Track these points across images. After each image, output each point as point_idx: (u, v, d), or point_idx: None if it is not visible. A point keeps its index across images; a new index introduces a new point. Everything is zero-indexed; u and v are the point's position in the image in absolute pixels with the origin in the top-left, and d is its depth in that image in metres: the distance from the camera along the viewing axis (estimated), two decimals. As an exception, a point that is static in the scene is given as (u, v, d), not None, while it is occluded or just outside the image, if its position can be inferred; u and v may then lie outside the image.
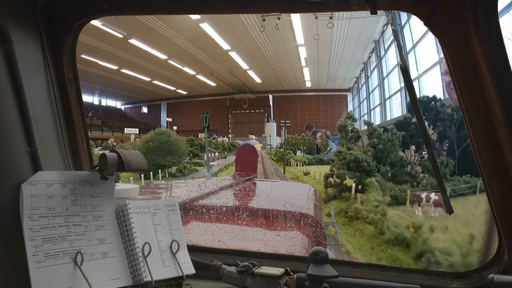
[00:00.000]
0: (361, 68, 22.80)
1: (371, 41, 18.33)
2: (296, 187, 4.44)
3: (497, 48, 0.81)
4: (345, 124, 8.84)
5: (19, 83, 0.87)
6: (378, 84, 18.92)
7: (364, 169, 7.58)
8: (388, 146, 7.76)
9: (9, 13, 0.88)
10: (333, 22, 12.52)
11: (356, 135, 8.84)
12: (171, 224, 0.98)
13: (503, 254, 0.92)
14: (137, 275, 0.87)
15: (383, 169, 7.70)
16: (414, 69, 13.14)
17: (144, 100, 33.21)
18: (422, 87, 12.96)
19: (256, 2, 0.97)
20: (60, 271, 0.77)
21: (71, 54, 1.11)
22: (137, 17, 13.53)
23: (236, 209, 2.26)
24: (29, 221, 0.77)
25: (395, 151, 7.80)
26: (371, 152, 7.87)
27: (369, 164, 7.58)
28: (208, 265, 1.06)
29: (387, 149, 7.75)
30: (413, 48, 13.30)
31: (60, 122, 1.06)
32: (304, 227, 2.01)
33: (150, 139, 12.46)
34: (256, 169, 4.46)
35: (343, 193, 7.95)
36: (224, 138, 24.75)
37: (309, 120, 25.78)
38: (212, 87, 28.15)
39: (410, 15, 0.89)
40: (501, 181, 0.86)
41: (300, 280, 0.94)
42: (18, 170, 0.85)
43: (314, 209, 2.40)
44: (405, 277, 1.01)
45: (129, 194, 1.06)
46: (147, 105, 34.44)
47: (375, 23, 15.31)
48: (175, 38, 17.64)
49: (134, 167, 0.87)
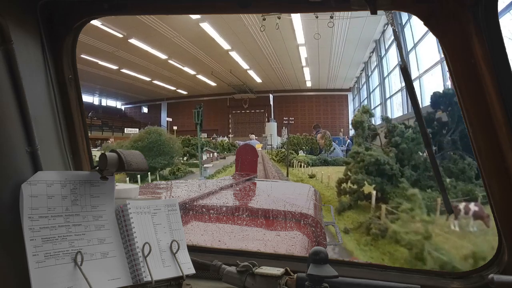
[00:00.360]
0: (361, 68, 22.77)
1: (371, 40, 18.29)
2: (296, 187, 4.44)
3: (497, 48, 0.81)
4: (362, 120, 7.44)
5: (19, 83, 0.87)
6: (379, 84, 18.86)
7: (386, 173, 6.35)
8: (411, 145, 6.55)
9: (9, 13, 0.88)
10: (334, 22, 12.24)
11: (373, 132, 7.60)
12: (171, 224, 0.98)
13: (503, 254, 0.92)
14: (137, 275, 0.87)
15: (408, 172, 6.45)
16: (415, 68, 13.09)
17: (144, 100, 33.23)
18: (424, 86, 12.90)
19: (256, 2, 0.97)
20: (60, 271, 0.77)
21: (71, 54, 1.11)
22: (137, 17, 13.46)
23: (236, 209, 2.26)
24: (29, 221, 0.77)
25: (419, 151, 6.61)
26: (393, 153, 6.67)
27: (391, 167, 6.38)
28: (208, 265, 1.06)
29: (411, 149, 6.54)
30: (414, 48, 13.22)
31: (60, 122, 1.06)
32: (304, 227, 2.01)
33: (139, 138, 11.58)
34: (256, 169, 4.46)
35: (359, 202, 6.73)
36: (224, 138, 24.45)
37: (309, 120, 25.76)
38: (213, 87, 28.16)
39: (411, 14, 0.89)
40: (501, 181, 0.86)
41: (300, 280, 0.94)
42: (18, 170, 0.85)
43: (314, 209, 2.40)
44: (405, 277, 1.01)
45: (129, 194, 1.07)
46: (147, 105, 34.45)
47: (375, 23, 15.23)
48: (175, 38, 17.61)
49: (134, 167, 0.87)
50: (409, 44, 13.75)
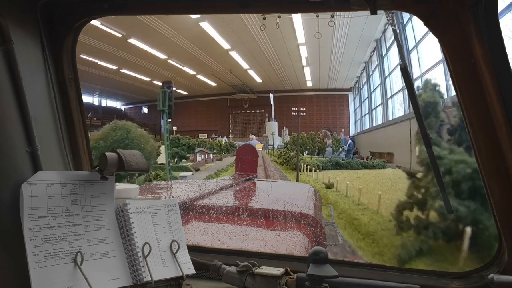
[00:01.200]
0: (362, 67, 22.69)
1: (372, 40, 18.18)
2: (296, 187, 4.44)
3: (497, 48, 0.81)
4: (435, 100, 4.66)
5: (19, 83, 0.87)
6: (380, 83, 18.77)
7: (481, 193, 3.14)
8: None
9: (9, 13, 0.88)
10: (335, 21, 11.95)
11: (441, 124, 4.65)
12: (171, 224, 0.98)
13: (503, 254, 0.92)
14: (137, 275, 0.87)
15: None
16: (417, 68, 12.96)
17: (144, 100, 33.17)
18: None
19: (256, 2, 0.97)
20: (60, 271, 0.77)
21: (71, 54, 1.11)
22: (136, 16, 13.32)
23: (236, 209, 2.26)
24: (29, 221, 0.77)
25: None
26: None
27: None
28: (208, 265, 1.06)
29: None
30: (416, 47, 13.11)
31: (60, 122, 1.06)
32: (304, 227, 2.01)
33: (101, 136, 9.22)
34: (256, 169, 4.46)
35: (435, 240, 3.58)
36: (223, 138, 24.20)
37: (310, 120, 25.69)
38: (213, 87, 28.12)
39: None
40: (501, 181, 0.86)
41: (300, 280, 0.94)
42: (18, 170, 0.85)
43: (314, 209, 2.40)
44: (405, 277, 1.01)
45: (129, 194, 1.07)
46: (147, 106, 34.38)
47: (376, 22, 15.07)
48: (175, 37, 17.52)
49: (134, 167, 0.87)
50: (410, 43, 13.64)
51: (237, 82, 26.11)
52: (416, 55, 13.16)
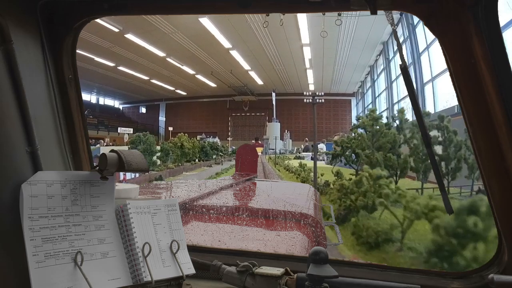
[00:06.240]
0: (367, 71, 22.37)
1: (379, 42, 17.78)
2: (296, 187, 4.44)
3: (497, 48, 0.81)
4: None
5: (19, 83, 0.87)
6: (386, 88, 18.40)
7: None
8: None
9: (9, 13, 0.88)
10: (341, 19, 11.46)
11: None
12: (171, 224, 0.98)
13: (503, 254, 0.92)
14: (137, 275, 0.87)
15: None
16: (428, 72, 12.76)
17: (142, 100, 33.07)
18: (437, 89, 12.55)
19: (256, 2, 0.97)
20: (60, 271, 0.77)
21: (71, 54, 1.11)
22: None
23: (236, 209, 2.26)
24: (29, 221, 0.77)
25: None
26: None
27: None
28: (208, 265, 1.06)
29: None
30: (427, 49, 12.82)
31: (60, 122, 1.06)
32: (304, 227, 2.02)
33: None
34: (256, 169, 4.47)
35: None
36: (215, 139, 22.85)
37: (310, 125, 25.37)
38: (212, 88, 27.94)
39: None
40: (501, 181, 0.86)
41: (300, 280, 0.93)
42: (18, 170, 0.85)
43: (314, 209, 2.40)
44: (405, 277, 1.01)
45: (129, 194, 1.07)
46: (145, 106, 34.36)
47: (384, 23, 14.13)
48: (174, 34, 17.00)
49: (134, 167, 0.87)
50: (421, 45, 13.36)
51: (237, 83, 25.94)
52: (428, 58, 12.94)
